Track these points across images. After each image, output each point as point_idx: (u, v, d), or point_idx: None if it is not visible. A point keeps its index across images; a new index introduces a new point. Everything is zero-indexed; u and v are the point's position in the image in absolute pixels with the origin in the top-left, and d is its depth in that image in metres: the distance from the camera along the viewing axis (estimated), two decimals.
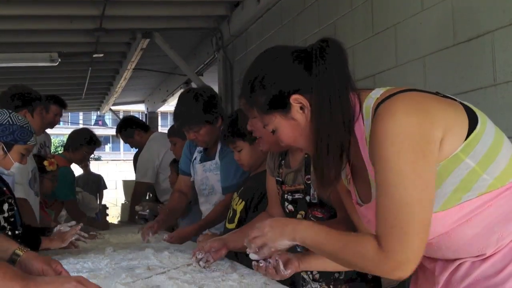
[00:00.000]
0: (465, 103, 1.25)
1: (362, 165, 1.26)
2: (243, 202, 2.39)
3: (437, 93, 1.26)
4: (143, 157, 4.42)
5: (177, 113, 2.87)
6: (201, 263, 1.99)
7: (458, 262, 1.25)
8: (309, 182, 1.84)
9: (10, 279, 1.25)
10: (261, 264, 1.46)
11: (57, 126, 4.48)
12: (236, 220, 2.41)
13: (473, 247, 1.21)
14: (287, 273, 1.47)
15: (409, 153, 1.11)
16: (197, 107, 2.75)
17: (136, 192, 4.45)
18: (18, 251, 1.46)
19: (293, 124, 1.29)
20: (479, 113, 1.22)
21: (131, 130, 4.50)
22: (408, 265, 1.13)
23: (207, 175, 2.97)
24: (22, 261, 1.46)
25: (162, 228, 2.52)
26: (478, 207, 1.17)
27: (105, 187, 8.23)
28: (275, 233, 1.33)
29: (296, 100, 1.26)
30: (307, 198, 1.85)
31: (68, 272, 1.45)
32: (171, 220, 3.14)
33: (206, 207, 3.05)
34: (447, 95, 1.26)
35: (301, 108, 1.27)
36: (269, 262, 1.46)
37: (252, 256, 1.47)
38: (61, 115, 4.28)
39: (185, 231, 2.80)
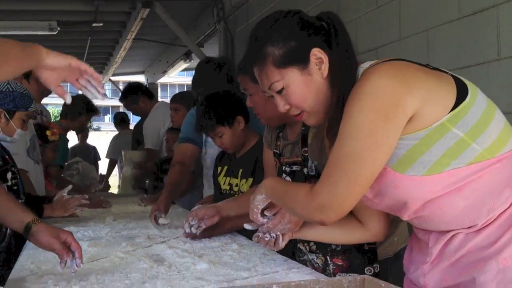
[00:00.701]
0: (457, 76, 1.25)
1: None
2: (250, 179, 2.40)
3: (427, 65, 1.27)
4: (149, 125, 4.37)
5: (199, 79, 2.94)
6: (193, 229, 2.01)
7: (451, 234, 1.26)
8: (306, 154, 1.85)
9: None
10: (266, 238, 1.48)
11: (56, 96, 4.45)
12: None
13: (465, 218, 1.23)
14: (283, 244, 1.50)
15: (371, 112, 1.15)
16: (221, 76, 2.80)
17: (150, 159, 4.39)
18: (31, 223, 1.48)
19: (307, 80, 1.27)
20: (470, 86, 1.23)
21: (136, 96, 4.46)
22: (329, 210, 1.19)
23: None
24: (33, 233, 1.48)
25: (167, 209, 2.48)
26: (467, 176, 1.18)
27: (99, 158, 8.26)
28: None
29: (316, 55, 1.26)
30: (305, 170, 1.86)
31: (79, 244, 1.45)
32: (174, 195, 2.99)
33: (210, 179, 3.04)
34: (438, 68, 1.27)
35: (318, 64, 1.27)
36: (273, 236, 1.48)
37: (246, 226, 1.49)
38: None
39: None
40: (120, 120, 6.69)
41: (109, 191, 5.48)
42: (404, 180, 1.20)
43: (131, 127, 6.42)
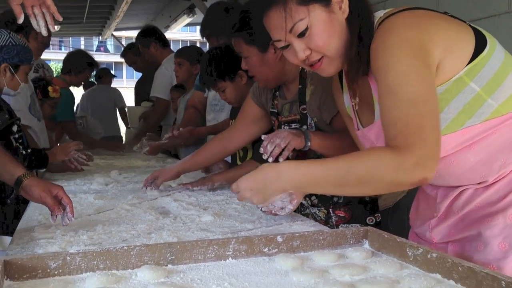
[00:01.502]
0: (476, 26, 1.22)
1: (365, 85, 1.26)
2: None
3: (445, 13, 1.23)
4: (161, 74, 4.27)
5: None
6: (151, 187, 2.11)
7: (460, 189, 1.27)
8: (305, 112, 1.84)
9: None
10: (263, 209, 1.47)
11: (58, 51, 4.40)
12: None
13: (476, 174, 1.23)
14: (292, 208, 1.44)
15: (410, 58, 1.10)
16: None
17: (158, 109, 4.34)
18: (21, 177, 1.49)
19: (331, 19, 1.21)
20: (489, 37, 1.20)
21: (149, 39, 4.37)
22: (429, 161, 1.06)
23: None
24: (24, 187, 1.50)
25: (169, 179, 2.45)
26: (481, 133, 1.17)
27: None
28: (260, 196, 1.25)
29: None
30: (304, 127, 1.87)
31: (70, 199, 1.47)
32: (190, 139, 3.11)
33: (213, 124, 3.13)
34: (456, 17, 1.23)
35: (338, 3, 1.22)
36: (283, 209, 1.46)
37: (263, 209, 1.48)
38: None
39: (197, 130, 3.04)
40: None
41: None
42: None
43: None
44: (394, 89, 1.10)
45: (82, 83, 4.46)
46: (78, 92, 4.98)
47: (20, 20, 1.34)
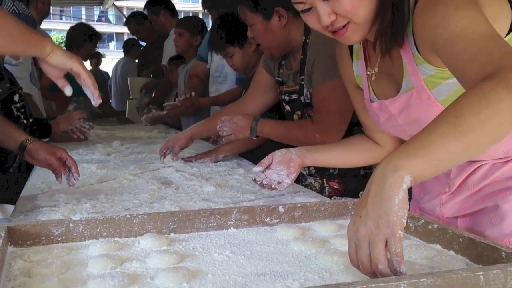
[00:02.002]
0: None
1: (394, 56, 1.18)
2: None
3: None
4: (171, 44, 4.27)
5: None
6: (171, 155, 2.09)
7: (477, 164, 1.23)
8: (303, 82, 1.84)
9: None
10: (264, 184, 1.45)
11: (59, 21, 4.36)
12: None
13: (499, 150, 1.19)
14: (290, 182, 1.44)
15: (469, 5, 1.00)
16: None
17: (167, 77, 4.35)
18: (25, 141, 1.51)
19: None
20: None
21: (159, 7, 4.32)
22: None
23: (223, 63, 2.99)
24: (29, 151, 1.51)
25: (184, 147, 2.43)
26: None
27: None
28: (374, 211, 0.81)
29: None
30: (302, 98, 1.86)
31: (74, 160, 1.50)
32: (192, 109, 3.17)
33: (215, 95, 3.14)
34: None
35: None
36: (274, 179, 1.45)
37: (255, 169, 1.48)
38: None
39: (200, 101, 3.06)
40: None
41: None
42: None
43: None
44: (462, 33, 0.98)
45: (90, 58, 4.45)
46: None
47: (68, 92, 1.41)
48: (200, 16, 5.40)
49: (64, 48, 4.27)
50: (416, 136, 0.87)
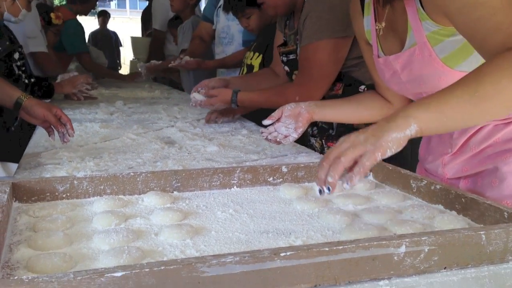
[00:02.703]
0: None
1: (398, 9, 1.17)
2: (261, 56, 2.39)
3: None
4: (159, 5, 4.23)
5: None
6: (201, 92, 2.02)
7: (480, 125, 1.22)
8: (298, 42, 1.82)
9: None
10: (269, 139, 1.45)
11: None
12: None
13: None
14: (296, 136, 1.44)
15: None
16: None
17: (155, 40, 4.34)
18: (21, 97, 1.51)
19: None
20: None
21: None
22: None
23: (229, 24, 2.95)
24: (25, 107, 1.52)
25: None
26: None
27: (121, 45, 8.09)
28: (374, 132, 0.90)
29: None
30: (298, 58, 1.85)
31: (68, 117, 1.52)
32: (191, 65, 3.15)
33: (221, 57, 3.12)
34: None
35: None
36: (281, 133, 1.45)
37: (266, 121, 1.47)
38: None
39: (206, 63, 3.04)
40: None
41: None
42: (450, 74, 1.10)
43: None
44: (477, 0, 0.95)
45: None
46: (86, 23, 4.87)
47: (52, 139, 1.56)
48: None
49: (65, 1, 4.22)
50: (435, 93, 0.92)
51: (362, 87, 1.72)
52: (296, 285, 0.66)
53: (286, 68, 1.95)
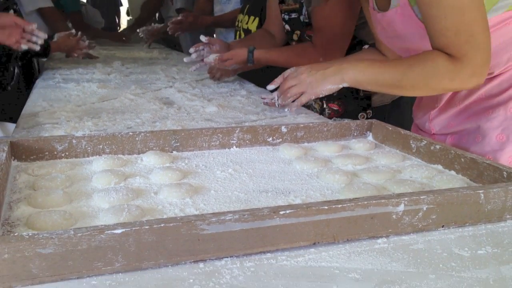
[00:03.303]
0: None
1: None
2: (257, 19, 2.35)
3: None
4: None
5: None
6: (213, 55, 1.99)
7: None
8: (303, 1, 1.79)
9: None
10: (266, 101, 1.45)
11: None
12: None
13: None
14: (298, 105, 1.45)
15: None
16: None
17: (149, 1, 4.25)
18: None
19: None
20: None
21: None
22: (483, 68, 1.09)
23: None
24: None
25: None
26: (495, 25, 1.14)
27: (121, 4, 7.92)
28: (316, 79, 1.28)
29: None
30: (301, 17, 1.82)
31: (25, 21, 1.51)
32: (193, 26, 3.11)
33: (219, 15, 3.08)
34: None
35: None
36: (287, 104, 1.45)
37: (270, 86, 1.45)
38: None
39: (202, 18, 3.01)
40: None
41: None
42: None
43: None
44: (439, 2, 1.06)
45: None
46: None
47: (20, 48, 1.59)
48: None
49: None
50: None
51: (366, 46, 1.71)
52: (295, 242, 0.66)
53: (287, 26, 1.92)
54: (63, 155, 1.00)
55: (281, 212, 0.65)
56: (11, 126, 1.97)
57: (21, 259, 0.55)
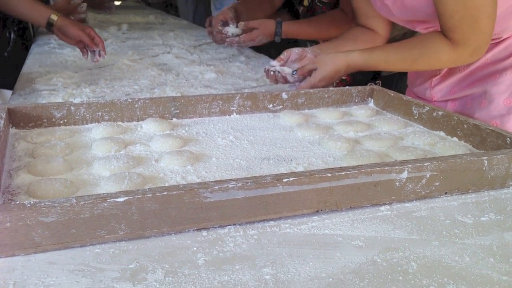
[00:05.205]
0: None
1: None
2: None
3: None
4: None
5: None
6: (232, 26, 1.92)
7: None
8: None
9: None
10: (268, 72, 1.42)
11: None
12: None
13: None
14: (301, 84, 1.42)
15: None
16: None
17: None
18: (53, 16, 1.51)
19: None
20: None
21: None
22: (483, 48, 1.14)
23: None
24: (58, 26, 1.54)
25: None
26: None
27: None
28: (329, 81, 1.30)
29: None
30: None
31: (101, 38, 1.57)
32: None
33: None
34: None
35: None
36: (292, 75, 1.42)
37: (273, 62, 1.42)
38: None
39: None
40: None
41: None
42: None
43: None
44: None
45: None
46: None
47: (85, 58, 1.61)
48: None
49: None
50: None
51: None
52: (298, 210, 0.66)
53: None
54: (61, 122, 0.98)
55: (284, 180, 0.64)
56: (7, 93, 1.95)
57: (23, 228, 0.55)
